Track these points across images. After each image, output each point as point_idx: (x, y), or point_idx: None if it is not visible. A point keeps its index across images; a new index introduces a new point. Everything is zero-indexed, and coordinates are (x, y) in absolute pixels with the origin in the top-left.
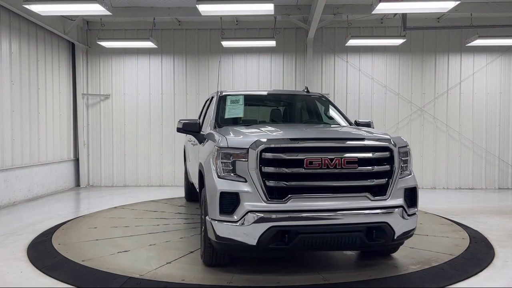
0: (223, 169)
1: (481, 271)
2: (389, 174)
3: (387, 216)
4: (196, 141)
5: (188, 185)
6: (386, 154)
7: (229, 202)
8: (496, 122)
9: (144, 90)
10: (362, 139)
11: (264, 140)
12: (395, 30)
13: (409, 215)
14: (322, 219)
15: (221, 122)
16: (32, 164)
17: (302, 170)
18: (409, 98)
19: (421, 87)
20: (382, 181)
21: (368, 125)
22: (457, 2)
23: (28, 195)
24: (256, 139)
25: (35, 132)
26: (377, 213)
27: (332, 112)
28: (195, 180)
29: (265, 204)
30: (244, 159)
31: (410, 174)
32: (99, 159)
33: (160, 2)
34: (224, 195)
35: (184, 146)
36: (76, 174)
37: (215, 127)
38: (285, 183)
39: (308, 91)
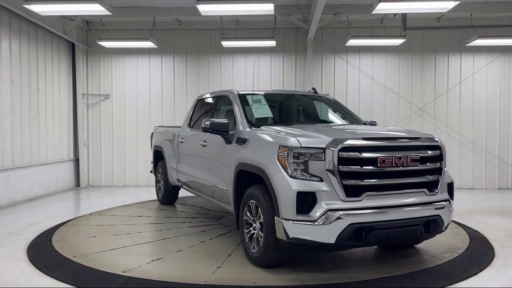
0: (295, 169)
1: (481, 271)
2: (439, 171)
3: (440, 210)
4: (213, 141)
5: (168, 187)
6: (437, 152)
7: (306, 201)
8: (496, 122)
9: (144, 90)
10: (419, 138)
11: (341, 140)
12: (395, 30)
13: (451, 208)
14: (392, 214)
15: (256, 122)
16: (32, 164)
17: (375, 169)
18: (409, 98)
19: (421, 87)
20: (435, 177)
21: (374, 124)
22: (457, 2)
23: (28, 195)
24: (333, 139)
25: (35, 132)
26: (433, 207)
27: (346, 112)
28: (198, 182)
29: (342, 202)
30: (320, 159)
31: (446, 170)
32: (99, 159)
33: (160, 2)
34: (300, 195)
35: (161, 147)
36: (76, 174)
37: (250, 127)
38: (361, 181)
39: (315, 92)
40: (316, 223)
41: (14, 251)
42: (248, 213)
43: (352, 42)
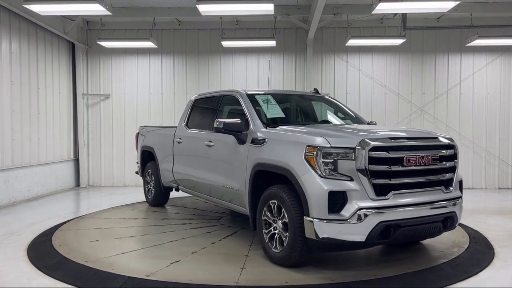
0: (324, 168)
1: (481, 271)
2: (453, 169)
3: (455, 206)
4: (222, 141)
5: (160, 189)
6: (452, 151)
7: (337, 201)
8: (496, 122)
9: (144, 90)
10: (437, 138)
11: (370, 139)
12: (395, 30)
13: (462, 204)
14: (417, 211)
15: (270, 122)
16: (32, 164)
17: (401, 168)
18: (409, 98)
19: (421, 87)
20: (451, 175)
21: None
22: (457, 2)
23: (28, 195)
24: (362, 139)
25: (35, 132)
26: (450, 204)
27: (349, 113)
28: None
29: (371, 201)
30: (350, 158)
31: None
32: (99, 159)
33: (160, 2)
34: (332, 195)
35: (151, 147)
36: (76, 174)
37: (265, 127)
38: (389, 180)
39: (317, 92)
40: (348, 221)
41: (14, 251)
42: (268, 213)
43: (352, 42)
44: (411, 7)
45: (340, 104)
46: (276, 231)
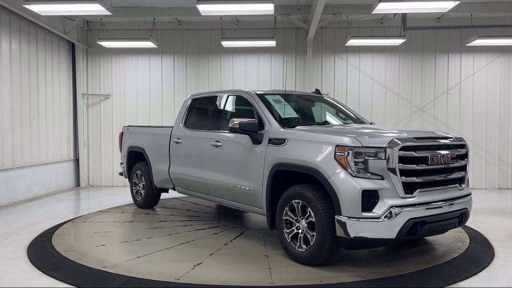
0: (356, 168)
1: (481, 271)
2: (465, 168)
3: (467, 202)
4: (233, 141)
5: (152, 191)
6: (464, 150)
7: (369, 199)
8: (496, 122)
9: (144, 90)
10: (452, 138)
11: (400, 139)
12: (395, 30)
13: (471, 201)
14: (440, 208)
15: (285, 122)
16: (32, 164)
17: (426, 166)
18: (409, 98)
19: (421, 87)
20: (463, 173)
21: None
22: (457, 2)
23: (28, 195)
24: (391, 139)
25: (35, 132)
26: (464, 200)
27: (352, 113)
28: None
29: (401, 199)
30: (381, 158)
31: None
32: (99, 159)
33: (160, 2)
34: (365, 193)
35: (141, 147)
36: (76, 174)
37: (283, 127)
38: (416, 178)
39: (319, 93)
40: (380, 219)
41: (14, 251)
42: (290, 212)
43: (352, 42)
44: (411, 7)
45: (339, 105)
46: (300, 231)
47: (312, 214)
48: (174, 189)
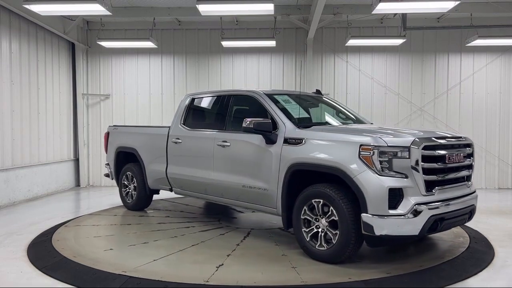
0: (381, 167)
1: (481, 271)
2: (472, 166)
3: (475, 199)
4: (243, 141)
5: (144, 192)
6: (471, 149)
7: (394, 197)
8: (496, 122)
9: (144, 90)
10: (461, 137)
11: (422, 138)
12: (395, 30)
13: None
14: (455, 204)
15: (299, 122)
16: (32, 164)
17: (443, 165)
18: (409, 98)
19: (421, 87)
20: (471, 171)
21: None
22: (457, 2)
23: (28, 195)
24: (414, 138)
25: (35, 132)
26: (473, 197)
27: (353, 114)
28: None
29: (423, 196)
30: (405, 157)
31: None
32: (99, 159)
33: (160, 2)
34: (391, 191)
35: (133, 148)
36: (76, 174)
37: (298, 127)
38: (437, 176)
39: (320, 93)
40: (406, 217)
41: (14, 251)
42: (309, 212)
43: (352, 42)
44: (411, 7)
45: (339, 105)
46: (320, 229)
47: (335, 213)
48: (171, 190)
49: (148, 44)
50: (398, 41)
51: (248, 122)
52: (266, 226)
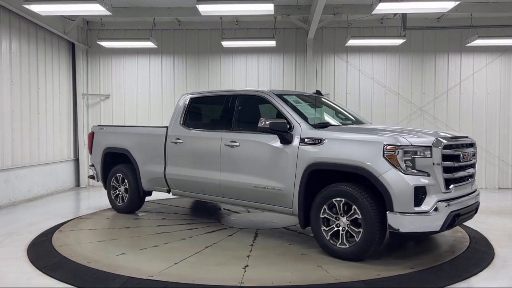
0: (406, 166)
1: (481, 271)
2: (475, 165)
3: (479, 196)
4: (255, 141)
5: (138, 194)
6: (475, 149)
7: (418, 195)
8: (496, 122)
9: (144, 90)
10: (467, 137)
11: (442, 138)
12: (395, 30)
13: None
14: (467, 201)
15: (310, 122)
16: (32, 164)
17: (458, 164)
18: (409, 98)
19: (421, 87)
20: (475, 170)
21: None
22: (457, 2)
23: (28, 195)
24: (436, 138)
25: (35, 132)
26: (478, 194)
27: (351, 113)
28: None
29: (443, 194)
30: (427, 156)
31: None
32: None
33: (160, 2)
34: (416, 189)
35: (124, 149)
36: (76, 174)
37: (314, 127)
38: (453, 174)
39: (320, 94)
40: (429, 213)
41: (14, 251)
42: (328, 210)
43: (352, 42)
44: (411, 7)
45: (338, 106)
46: (341, 228)
47: (358, 211)
48: (168, 191)
49: (148, 44)
50: (398, 41)
51: (263, 121)
52: (270, 226)
